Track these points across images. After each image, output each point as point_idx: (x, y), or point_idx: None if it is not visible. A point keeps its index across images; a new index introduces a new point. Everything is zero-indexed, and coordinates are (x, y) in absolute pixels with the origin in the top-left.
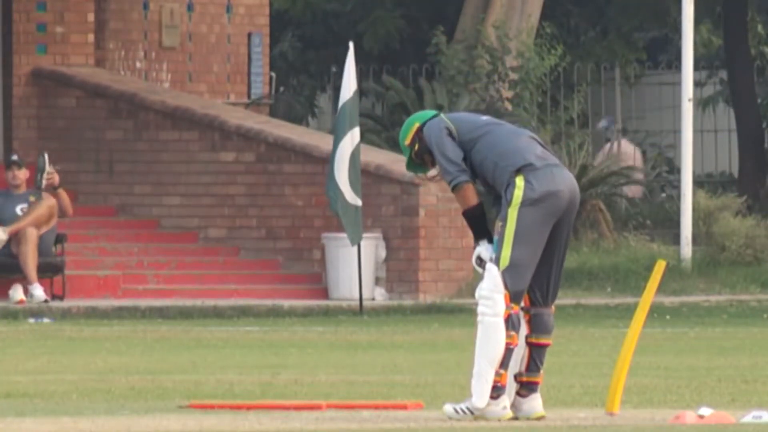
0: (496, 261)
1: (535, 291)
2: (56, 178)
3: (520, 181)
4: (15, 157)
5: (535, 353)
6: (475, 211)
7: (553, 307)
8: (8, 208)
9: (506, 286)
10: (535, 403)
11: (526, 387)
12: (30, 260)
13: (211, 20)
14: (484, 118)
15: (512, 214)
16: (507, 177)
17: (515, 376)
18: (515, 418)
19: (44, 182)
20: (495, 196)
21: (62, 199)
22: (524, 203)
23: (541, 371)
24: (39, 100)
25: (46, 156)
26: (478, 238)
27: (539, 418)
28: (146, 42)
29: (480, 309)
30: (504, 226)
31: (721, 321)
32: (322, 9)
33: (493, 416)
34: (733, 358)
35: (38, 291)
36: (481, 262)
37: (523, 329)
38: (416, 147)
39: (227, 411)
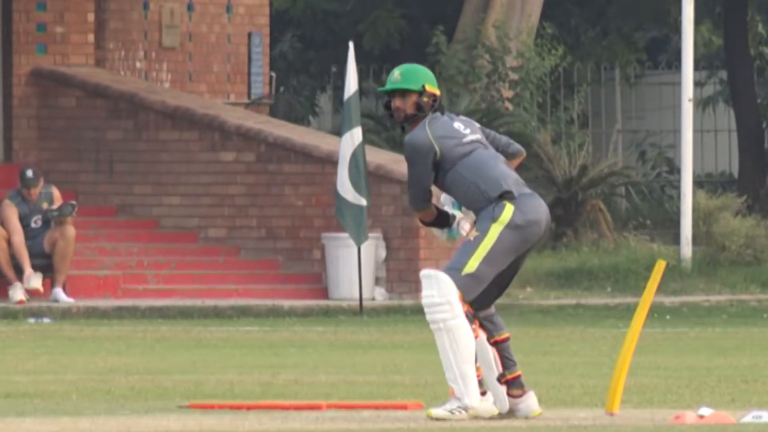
0: (460, 266)
1: (483, 299)
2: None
3: (510, 205)
4: (30, 174)
5: (503, 350)
6: (436, 218)
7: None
8: (27, 219)
9: (460, 290)
10: (531, 401)
11: (514, 386)
12: (4, 261)
13: (211, 20)
14: (470, 136)
15: (495, 230)
16: (485, 200)
17: (498, 380)
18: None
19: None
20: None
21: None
22: (509, 225)
23: (517, 364)
24: (39, 100)
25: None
26: (443, 226)
27: (537, 416)
28: (146, 42)
29: (438, 317)
30: (481, 238)
31: (721, 321)
32: (322, 9)
33: (486, 412)
34: (733, 358)
35: (36, 281)
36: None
37: (482, 333)
38: (407, 102)
39: (227, 411)
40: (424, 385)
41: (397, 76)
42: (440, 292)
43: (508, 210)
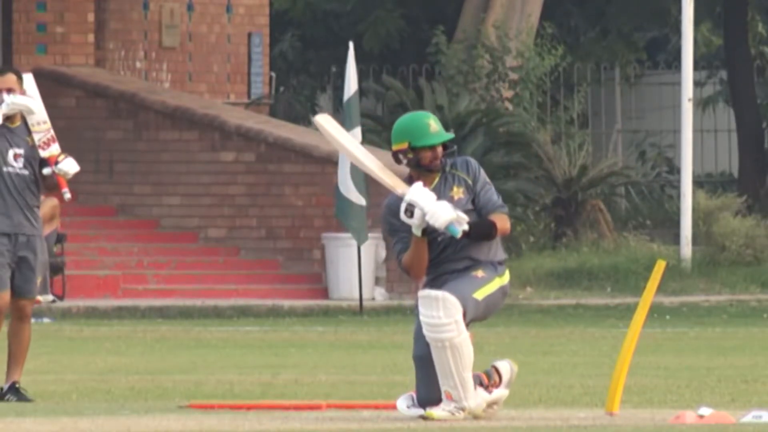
0: (468, 293)
1: None
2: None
3: (508, 273)
4: None
5: None
6: (493, 236)
7: None
8: None
9: (464, 307)
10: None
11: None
12: None
13: (211, 20)
14: None
15: (497, 283)
16: (493, 255)
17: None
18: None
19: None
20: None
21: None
22: (503, 288)
23: None
24: None
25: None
26: (470, 231)
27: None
28: (146, 42)
29: (443, 336)
30: (488, 280)
31: (721, 321)
32: (322, 9)
33: (479, 407)
34: (733, 358)
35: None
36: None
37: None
38: (401, 158)
39: (227, 411)
40: None
41: (436, 127)
42: (447, 312)
43: (507, 275)
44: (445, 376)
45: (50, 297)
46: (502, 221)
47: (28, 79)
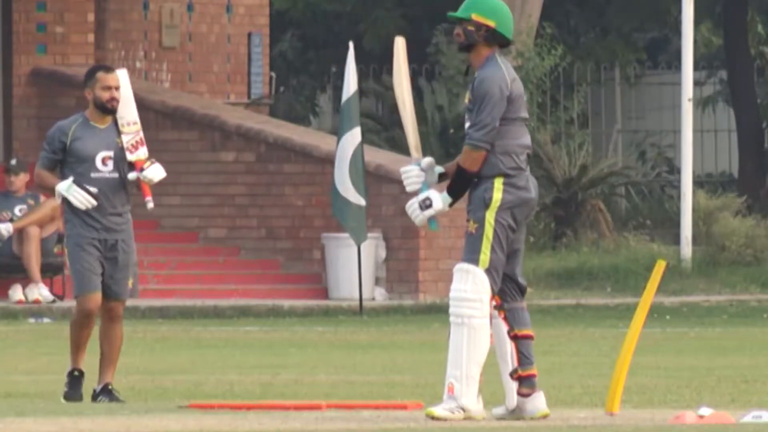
0: (474, 262)
1: (506, 288)
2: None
3: (499, 184)
4: (13, 162)
5: (522, 346)
6: (470, 176)
7: (524, 302)
8: (7, 210)
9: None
10: (538, 401)
11: (526, 384)
12: (33, 260)
13: (211, 20)
14: (522, 105)
15: (489, 217)
16: (494, 172)
17: (511, 374)
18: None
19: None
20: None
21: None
22: (501, 207)
23: (534, 364)
24: (39, 100)
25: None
26: (450, 194)
27: (543, 417)
28: (146, 42)
29: (465, 311)
30: (481, 229)
31: (721, 321)
32: (322, 9)
33: (478, 414)
34: (733, 358)
35: (45, 291)
36: (424, 208)
37: (503, 326)
38: (465, 32)
39: (227, 411)
40: (424, 385)
41: (462, 6)
42: (474, 289)
43: (498, 192)
44: (454, 363)
45: (51, 297)
46: (465, 161)
47: (123, 75)
